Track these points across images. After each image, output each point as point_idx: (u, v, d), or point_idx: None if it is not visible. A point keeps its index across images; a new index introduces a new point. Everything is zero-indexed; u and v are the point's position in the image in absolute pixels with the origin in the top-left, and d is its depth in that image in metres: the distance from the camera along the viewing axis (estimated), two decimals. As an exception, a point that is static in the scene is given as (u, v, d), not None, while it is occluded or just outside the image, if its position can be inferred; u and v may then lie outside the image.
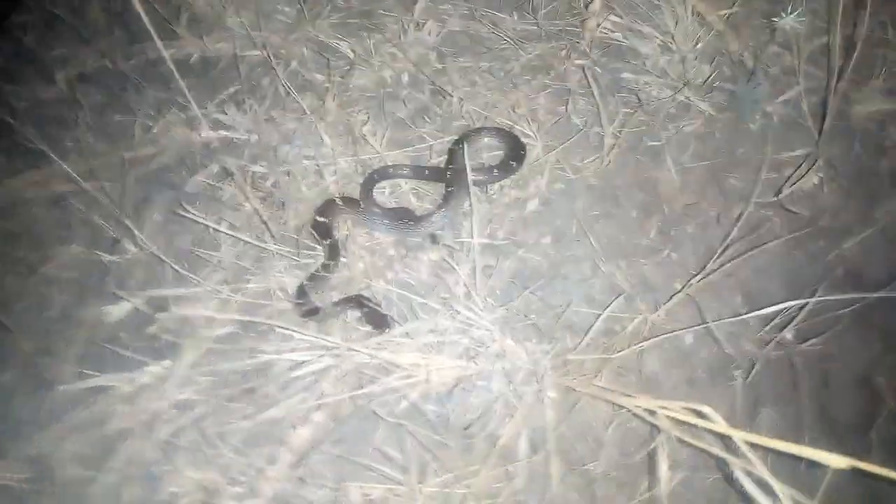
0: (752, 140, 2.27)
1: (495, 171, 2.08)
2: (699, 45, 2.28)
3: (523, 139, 2.16)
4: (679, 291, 2.01)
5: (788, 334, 2.18)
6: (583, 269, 2.07)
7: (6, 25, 2.95)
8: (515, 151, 2.10)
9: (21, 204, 2.36)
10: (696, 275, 2.04)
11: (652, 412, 1.37)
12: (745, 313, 2.12)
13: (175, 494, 1.69)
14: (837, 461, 0.99)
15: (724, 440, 1.22)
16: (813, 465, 1.06)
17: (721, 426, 1.17)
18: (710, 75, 2.26)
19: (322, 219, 2.01)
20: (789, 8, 2.00)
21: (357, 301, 1.85)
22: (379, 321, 1.82)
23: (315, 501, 1.67)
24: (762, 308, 2.06)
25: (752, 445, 1.13)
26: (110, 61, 2.54)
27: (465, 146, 2.08)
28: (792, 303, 1.96)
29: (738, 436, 1.14)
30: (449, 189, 2.08)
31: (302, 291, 1.86)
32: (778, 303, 2.06)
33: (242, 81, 2.29)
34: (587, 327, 1.90)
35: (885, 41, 2.38)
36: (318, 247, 1.95)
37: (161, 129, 2.26)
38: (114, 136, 2.38)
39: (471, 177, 1.92)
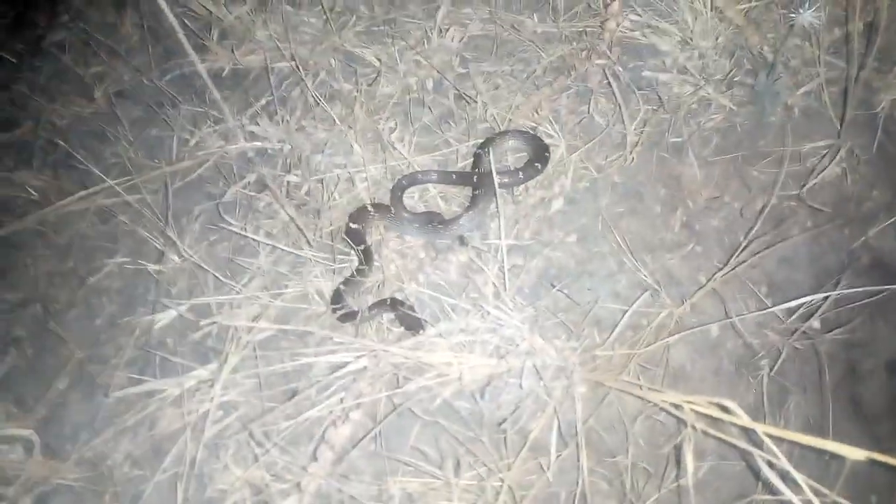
0: (774, 133, 2.29)
1: (520, 173, 2.13)
2: (719, 40, 2.30)
3: (547, 140, 2.21)
4: (704, 285, 2.05)
5: (815, 323, 2.21)
6: (609, 265, 2.12)
7: (44, 45, 3.09)
8: (539, 153, 2.15)
9: (70, 219, 2.48)
10: (721, 268, 2.08)
11: (678, 406, 1.42)
12: (771, 305, 2.16)
13: (224, 491, 1.79)
14: (855, 453, 1.03)
15: (749, 433, 1.26)
16: (835, 455, 1.11)
17: (744, 420, 1.22)
18: (731, 70, 2.28)
19: (355, 225, 2.08)
20: (807, 3, 2.01)
21: (391, 304, 1.92)
22: (413, 323, 1.89)
23: (356, 496, 1.75)
24: (787, 299, 2.10)
25: (775, 438, 1.18)
26: (146, 77, 2.65)
27: (490, 149, 2.15)
28: (817, 296, 1.98)
29: (761, 429, 1.19)
30: (476, 192, 2.14)
31: (338, 295, 1.94)
32: (803, 293, 2.09)
33: (273, 93, 2.37)
34: (614, 323, 1.95)
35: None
36: (352, 252, 2.03)
37: (198, 143, 2.36)
38: (153, 149, 2.49)
39: (496, 180, 1.99)
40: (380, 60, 2.39)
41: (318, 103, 2.28)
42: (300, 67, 2.34)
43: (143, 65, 2.70)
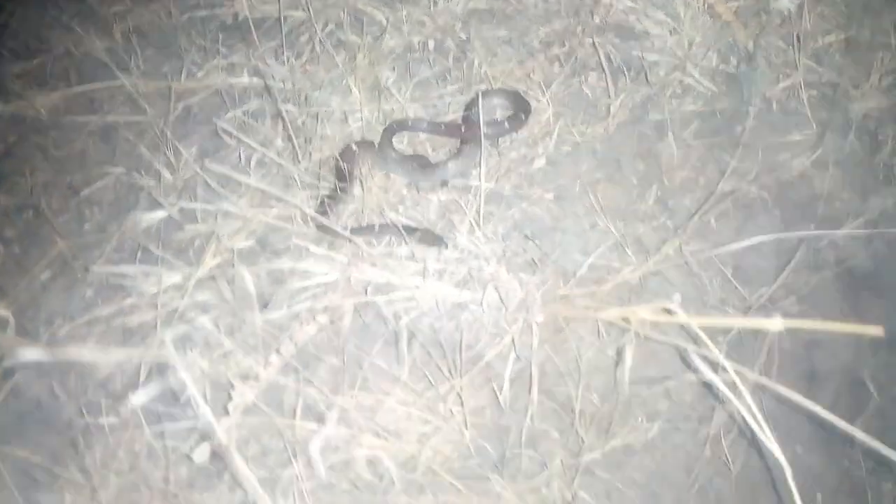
0: (752, 124, 2.41)
1: (506, 124, 2.24)
2: (708, 33, 2.44)
3: (535, 104, 2.33)
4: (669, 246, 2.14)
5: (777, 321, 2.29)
6: (582, 224, 2.22)
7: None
8: (524, 108, 2.27)
9: (72, 136, 2.59)
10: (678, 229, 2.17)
11: (626, 319, 1.49)
12: (736, 285, 2.25)
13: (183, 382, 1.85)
14: (774, 324, 1.11)
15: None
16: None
17: (682, 317, 1.29)
18: (716, 62, 2.42)
19: (343, 164, 2.18)
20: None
21: (406, 226, 2.03)
22: (434, 240, 2.00)
23: (309, 397, 1.81)
24: (751, 283, 2.19)
25: (708, 331, 1.26)
26: (164, 18, 2.79)
27: (479, 104, 2.26)
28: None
29: (695, 322, 1.26)
30: (463, 143, 2.25)
31: (322, 206, 2.04)
32: (767, 281, 2.19)
33: (283, 37, 2.49)
34: (580, 273, 2.04)
35: (887, 44, 2.51)
36: (336, 179, 2.13)
37: (205, 75, 2.48)
38: (162, 81, 2.60)
39: (483, 129, 2.10)
40: (387, 19, 2.52)
41: (325, 49, 2.40)
42: (312, 17, 2.47)
43: (162, 7, 2.84)
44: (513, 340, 1.86)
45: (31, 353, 1.88)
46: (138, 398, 1.36)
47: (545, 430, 1.99)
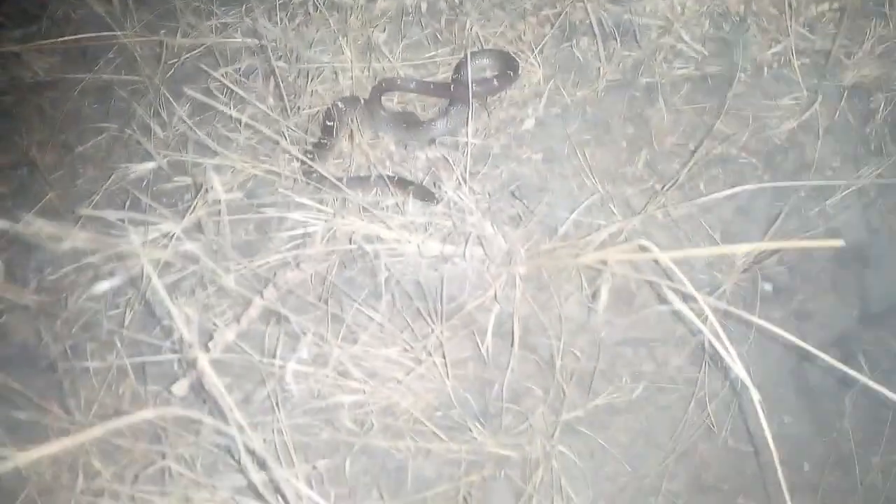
0: (742, 89, 2.41)
1: (495, 81, 2.25)
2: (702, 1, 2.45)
3: (526, 66, 2.34)
4: (654, 208, 2.14)
5: (766, 286, 2.30)
6: (570, 184, 2.22)
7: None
8: (513, 66, 2.28)
9: (68, 97, 2.61)
10: (665, 187, 2.17)
11: (604, 261, 1.50)
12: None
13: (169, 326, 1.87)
14: (741, 248, 1.11)
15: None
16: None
17: (656, 253, 1.30)
18: (707, 25, 2.42)
19: (330, 119, 2.20)
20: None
21: (401, 179, 2.05)
22: (427, 194, 2.01)
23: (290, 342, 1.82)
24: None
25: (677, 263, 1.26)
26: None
27: (468, 63, 2.27)
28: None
29: (667, 256, 1.27)
30: (451, 102, 2.26)
31: (307, 156, 2.06)
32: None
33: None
34: (564, 228, 2.05)
35: (880, 13, 2.50)
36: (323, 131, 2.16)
37: (199, 34, 2.49)
38: (158, 37, 2.62)
39: (472, 87, 2.11)
40: (381, -19, 2.54)
41: (318, 9, 2.42)
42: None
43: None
44: (495, 293, 1.87)
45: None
46: (101, 287, 1.36)
47: (527, 386, 2.00)
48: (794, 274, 2.39)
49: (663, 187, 2.16)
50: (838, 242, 1.04)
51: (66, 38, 2.56)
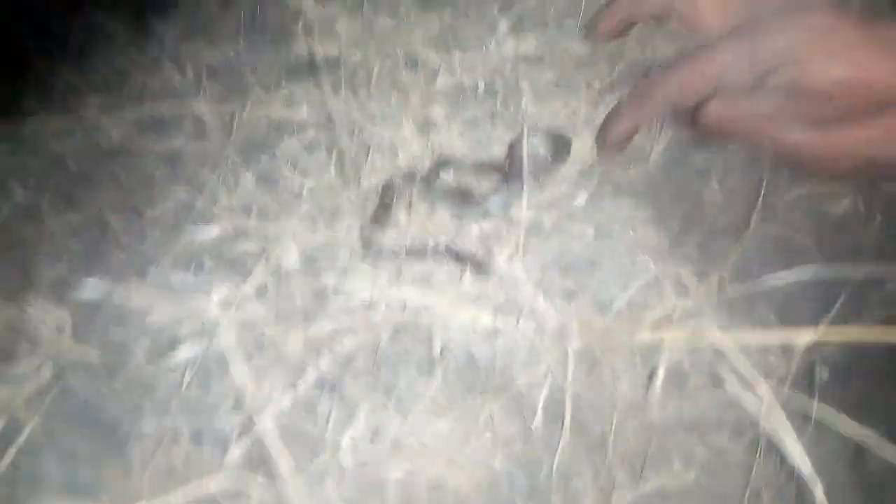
0: (795, 172, 2.41)
1: (548, 160, 2.31)
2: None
3: (579, 143, 2.40)
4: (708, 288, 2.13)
5: (823, 373, 2.24)
6: (622, 262, 2.23)
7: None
8: (566, 145, 2.35)
9: (141, 164, 2.76)
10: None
11: (661, 340, 1.50)
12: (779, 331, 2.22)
13: (223, 395, 1.92)
14: (804, 337, 1.11)
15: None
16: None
17: (714, 335, 1.30)
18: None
19: (388, 198, 2.27)
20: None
21: (459, 252, 2.10)
22: (481, 267, 2.05)
23: (342, 411, 1.84)
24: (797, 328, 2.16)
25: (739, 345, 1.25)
26: (234, 55, 2.99)
27: (524, 141, 2.34)
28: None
29: (725, 338, 1.27)
30: (506, 178, 2.32)
31: (366, 230, 2.13)
32: (815, 326, 2.15)
33: (342, 76, 2.64)
34: (617, 305, 2.05)
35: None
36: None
37: (267, 106, 2.63)
38: (228, 107, 2.77)
39: (527, 165, 2.18)
40: (441, 61, 2.65)
41: (380, 87, 2.54)
42: (371, 58, 2.63)
43: (233, 48, 3.04)
44: (547, 368, 1.88)
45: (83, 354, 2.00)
46: (181, 354, 1.42)
47: (577, 466, 1.97)
48: (853, 360, 2.32)
49: (717, 270, 2.15)
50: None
51: (142, 107, 2.72)
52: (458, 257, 2.07)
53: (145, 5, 3.65)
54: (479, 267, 2.07)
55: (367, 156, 2.40)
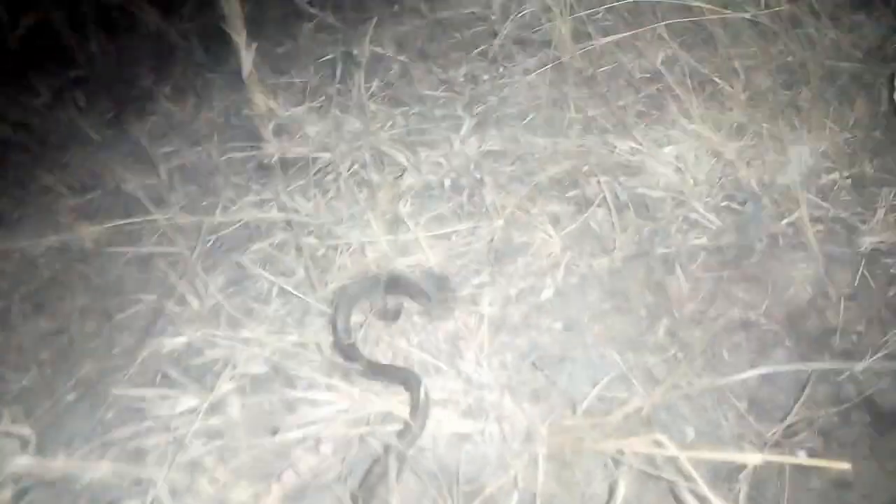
0: (759, 258, 2.45)
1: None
2: (711, 171, 2.56)
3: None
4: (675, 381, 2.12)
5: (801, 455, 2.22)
6: (591, 355, 2.24)
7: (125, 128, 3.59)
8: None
9: (112, 266, 2.79)
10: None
11: (621, 451, 1.49)
12: (752, 420, 2.21)
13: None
14: (751, 459, 1.10)
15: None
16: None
17: (671, 450, 1.30)
18: (720, 197, 2.51)
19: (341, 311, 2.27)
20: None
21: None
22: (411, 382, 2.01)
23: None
24: (769, 417, 2.15)
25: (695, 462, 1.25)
26: (206, 157, 3.06)
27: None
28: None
29: (683, 455, 1.26)
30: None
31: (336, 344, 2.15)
32: (785, 415, 2.15)
33: (311, 177, 2.70)
34: (587, 404, 2.04)
35: (891, 181, 2.58)
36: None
37: (237, 209, 2.68)
38: (200, 211, 2.81)
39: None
40: (407, 160, 2.72)
41: (348, 188, 2.59)
42: (338, 159, 2.69)
43: (205, 149, 3.12)
44: (516, 475, 1.85)
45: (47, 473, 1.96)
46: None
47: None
48: (829, 442, 2.31)
49: (686, 361, 2.16)
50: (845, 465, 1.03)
51: (114, 220, 2.76)
52: (410, 383, 2.04)
53: (123, 106, 3.76)
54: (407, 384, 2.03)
55: (336, 255, 2.43)
